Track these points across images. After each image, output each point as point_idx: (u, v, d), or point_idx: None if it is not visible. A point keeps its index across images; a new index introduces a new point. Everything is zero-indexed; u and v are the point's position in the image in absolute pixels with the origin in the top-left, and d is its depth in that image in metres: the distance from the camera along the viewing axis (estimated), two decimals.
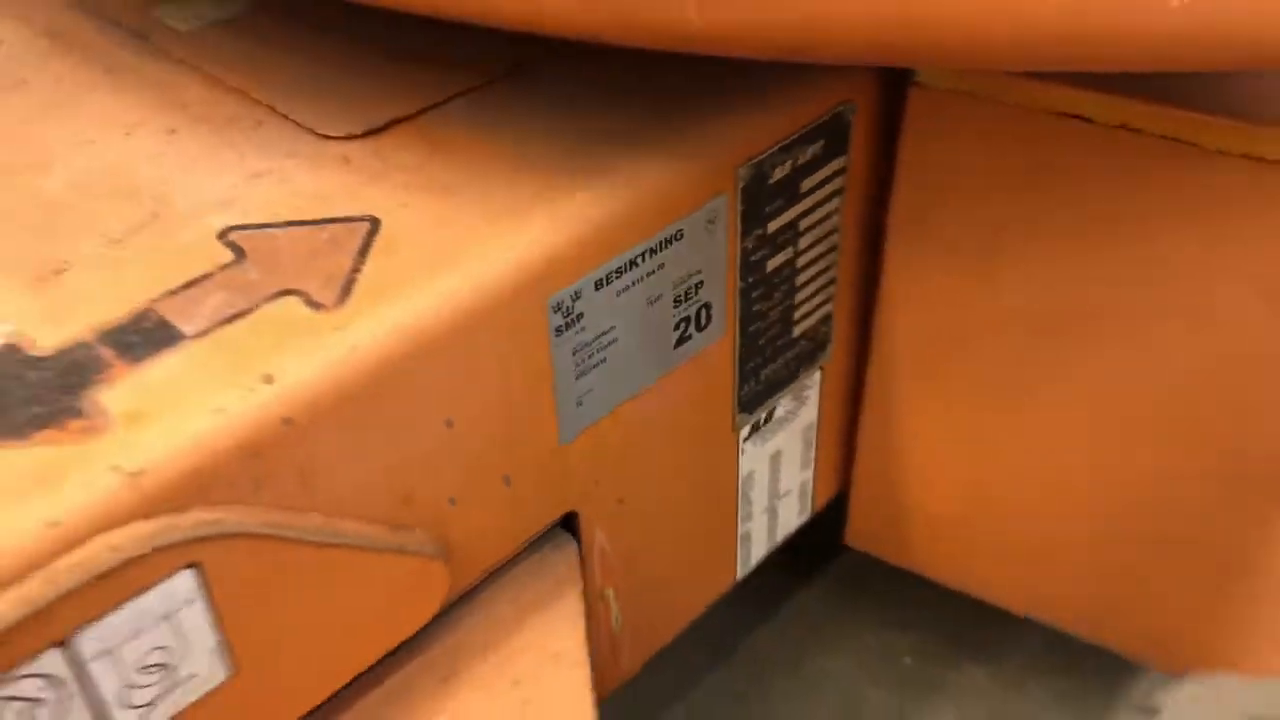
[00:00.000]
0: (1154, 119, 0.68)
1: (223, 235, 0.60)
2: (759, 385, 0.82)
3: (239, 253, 0.59)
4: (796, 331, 0.83)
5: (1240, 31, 0.48)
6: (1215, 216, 0.69)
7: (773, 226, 0.75)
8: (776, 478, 0.91)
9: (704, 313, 0.73)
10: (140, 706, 0.50)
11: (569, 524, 0.72)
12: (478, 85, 0.73)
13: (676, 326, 0.72)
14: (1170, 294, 0.73)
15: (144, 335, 0.53)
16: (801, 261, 0.79)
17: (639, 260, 0.66)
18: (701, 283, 0.71)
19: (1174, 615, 0.88)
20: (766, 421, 0.86)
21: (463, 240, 0.59)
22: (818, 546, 1.06)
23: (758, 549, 0.94)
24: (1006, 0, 0.48)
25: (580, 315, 0.64)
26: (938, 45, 0.51)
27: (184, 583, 0.49)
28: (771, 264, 0.77)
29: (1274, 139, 0.65)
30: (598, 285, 0.64)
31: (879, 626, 1.16)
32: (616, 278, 0.65)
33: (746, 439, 0.85)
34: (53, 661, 0.46)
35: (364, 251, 0.58)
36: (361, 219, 0.61)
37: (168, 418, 0.49)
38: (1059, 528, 0.89)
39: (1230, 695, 0.82)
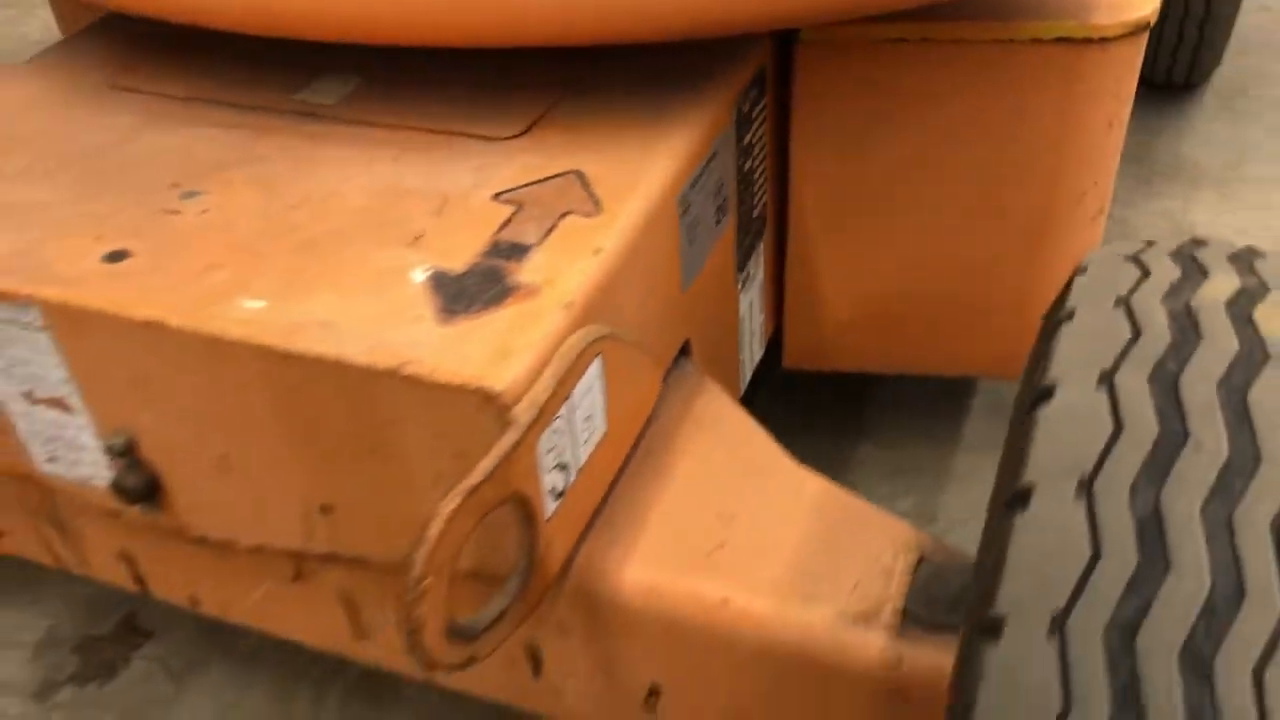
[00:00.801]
0: (967, 31, 1.19)
1: (496, 198, 0.99)
2: (744, 252, 1.29)
3: (516, 204, 0.98)
4: (755, 214, 1.30)
5: None
6: (1000, 84, 1.22)
7: (744, 142, 1.21)
8: (752, 319, 1.37)
9: (725, 203, 1.18)
10: (584, 444, 0.90)
11: (685, 349, 1.15)
12: (564, 95, 1.14)
13: (714, 212, 1.16)
14: (976, 136, 1.26)
15: (509, 249, 0.92)
16: (755, 166, 1.26)
17: (705, 169, 1.10)
18: (722, 183, 1.17)
19: (991, 339, 1.43)
20: (747, 279, 1.32)
21: (635, 173, 1.02)
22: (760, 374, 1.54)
23: (745, 371, 1.40)
24: None
25: (689, 206, 1.07)
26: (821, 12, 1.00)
27: (595, 368, 0.90)
28: (744, 169, 1.23)
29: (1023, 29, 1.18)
30: (693, 185, 1.08)
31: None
32: (698, 180, 1.09)
33: (741, 290, 1.31)
34: (563, 415, 0.86)
35: (587, 187, 1.00)
36: (570, 173, 1.02)
37: (567, 275, 0.89)
38: (914, 306, 1.41)
39: None
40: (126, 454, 1.00)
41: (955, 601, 0.90)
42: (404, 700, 1.41)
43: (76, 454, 1.05)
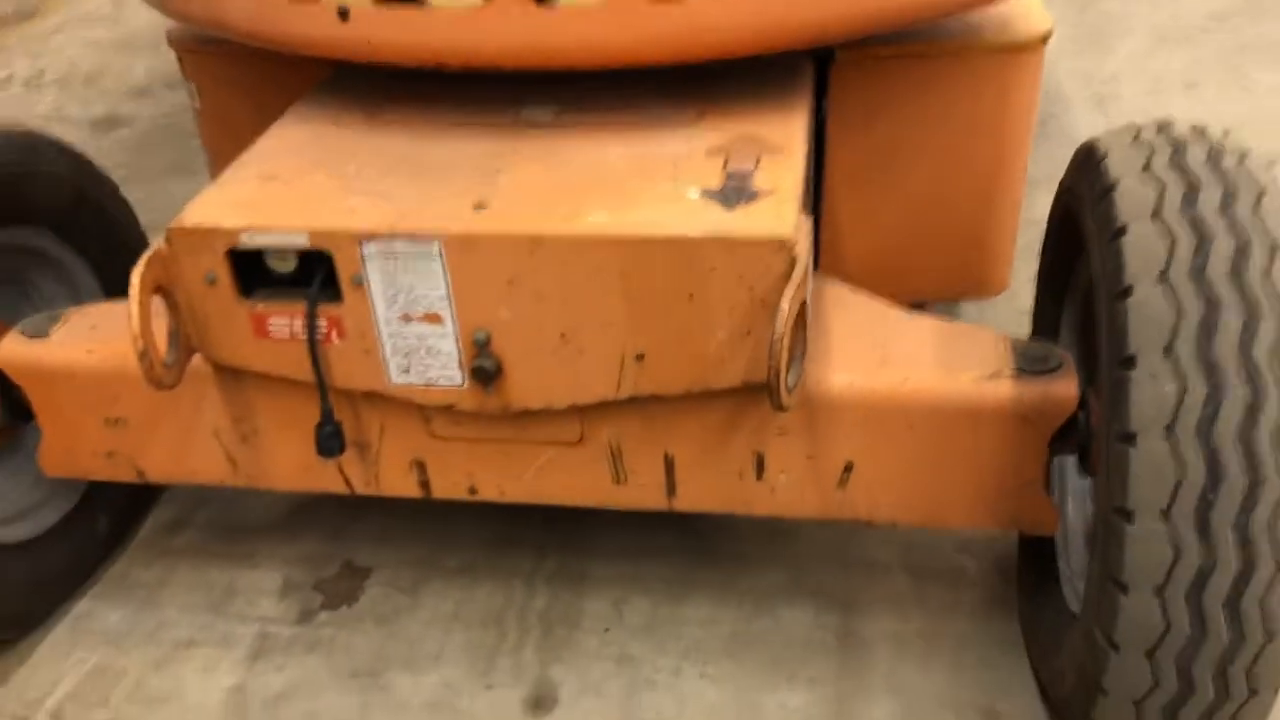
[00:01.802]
0: (939, 47, 1.80)
1: (708, 154, 1.50)
2: (814, 211, 1.84)
3: (724, 154, 1.50)
4: (811, 175, 1.86)
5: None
6: (962, 78, 1.84)
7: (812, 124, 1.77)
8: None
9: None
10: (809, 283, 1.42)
11: None
12: (708, 95, 1.67)
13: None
14: (948, 115, 1.86)
15: (740, 174, 1.44)
16: (812, 142, 1.82)
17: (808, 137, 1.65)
18: (809, 149, 1.72)
19: (964, 269, 2.03)
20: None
21: (784, 134, 1.56)
22: None
23: None
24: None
25: (808, 159, 1.62)
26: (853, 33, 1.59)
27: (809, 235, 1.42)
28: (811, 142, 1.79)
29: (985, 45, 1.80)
30: (806, 145, 1.63)
31: None
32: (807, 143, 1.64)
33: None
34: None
35: (762, 142, 1.53)
36: (746, 135, 1.55)
37: (784, 183, 1.42)
38: (908, 247, 1.99)
39: None
40: (483, 347, 1.44)
41: (1042, 359, 1.46)
42: (593, 579, 1.83)
43: (431, 360, 1.47)
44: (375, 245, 1.40)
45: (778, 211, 1.37)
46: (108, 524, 1.91)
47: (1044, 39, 1.87)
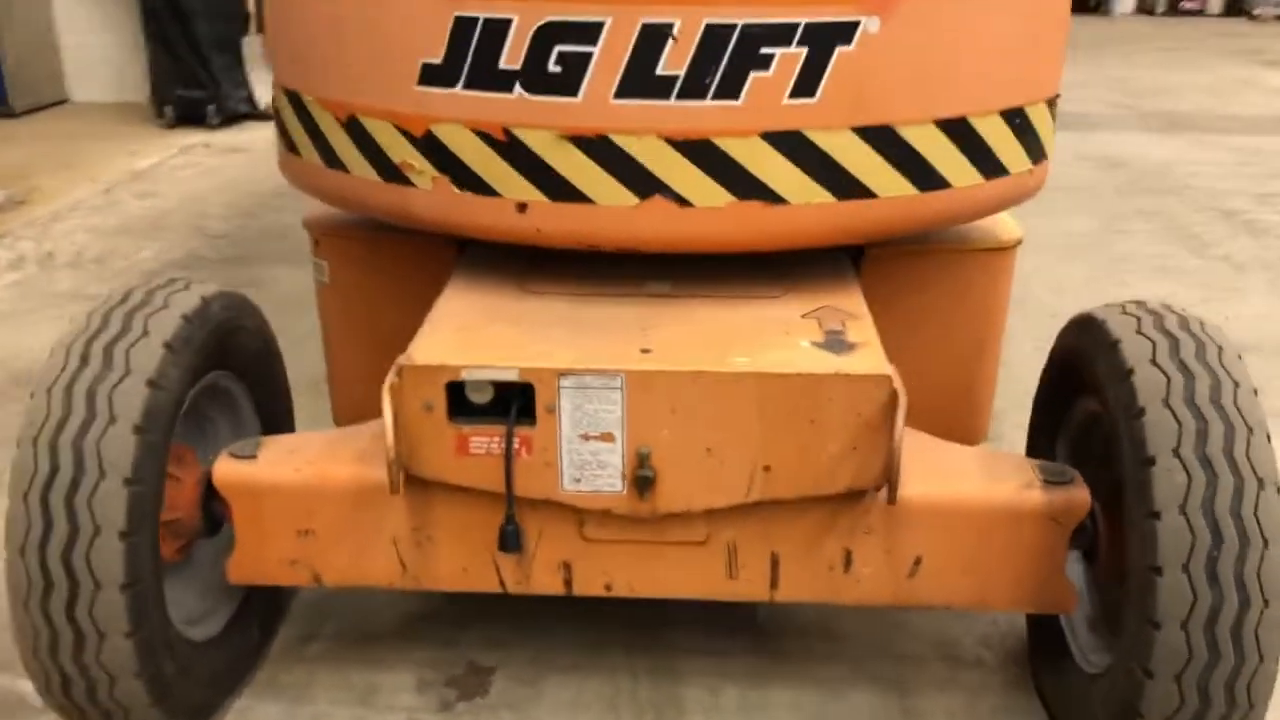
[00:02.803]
0: (943, 246, 2.34)
1: (804, 317, 1.98)
2: None
3: (818, 317, 1.97)
4: None
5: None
6: (959, 271, 2.38)
7: None
8: None
9: None
10: None
11: None
12: (785, 275, 2.15)
13: None
14: (948, 298, 2.39)
15: (836, 331, 1.91)
16: None
17: None
18: None
19: (955, 417, 2.52)
20: None
21: (854, 304, 2.04)
22: None
23: None
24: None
25: None
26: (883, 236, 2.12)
27: None
28: None
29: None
30: None
31: None
32: None
33: None
34: None
35: (840, 309, 2.01)
36: (828, 305, 2.03)
37: (869, 338, 1.89)
38: (918, 398, 2.48)
39: None
40: (645, 460, 1.83)
41: (1060, 473, 1.93)
42: (684, 672, 2.17)
43: (599, 471, 1.85)
44: (571, 379, 1.81)
45: (876, 357, 1.84)
46: (259, 632, 2.17)
47: (1018, 243, 2.45)
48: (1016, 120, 2.11)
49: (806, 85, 1.90)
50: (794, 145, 1.93)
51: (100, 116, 7.29)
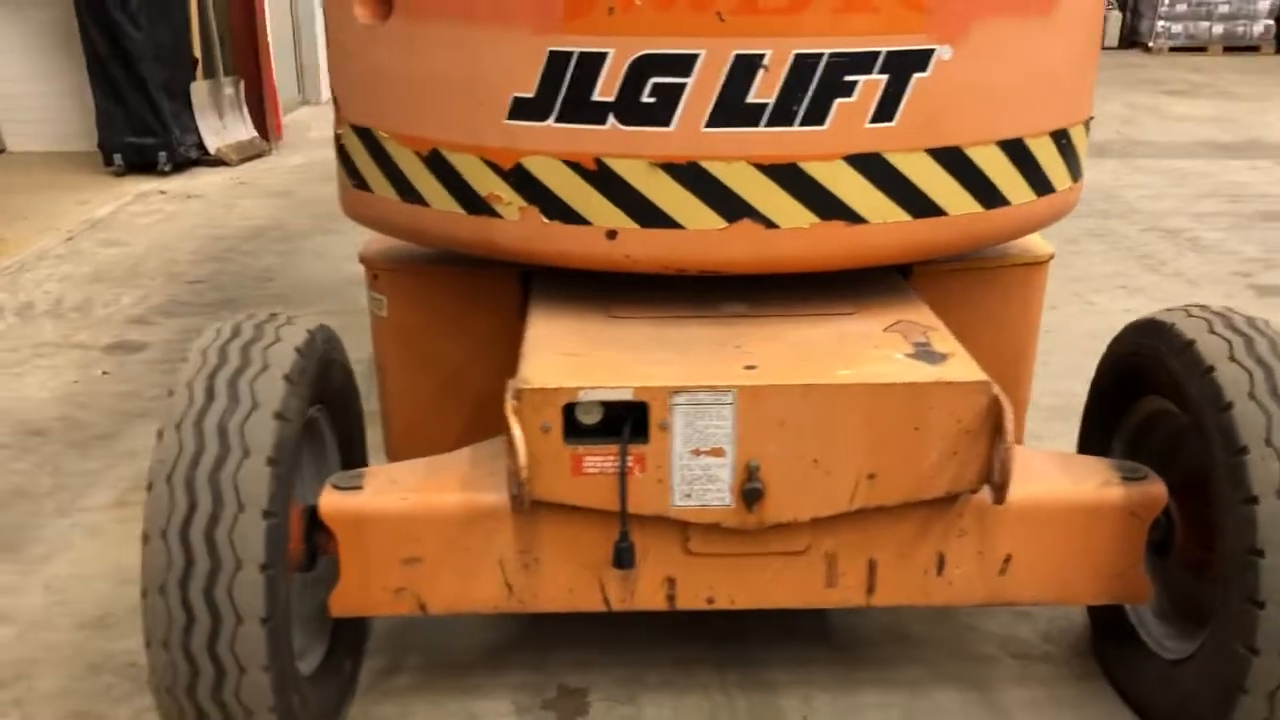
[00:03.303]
0: (987, 262, 2.46)
1: (886, 330, 2.07)
2: None
3: (900, 331, 2.06)
4: None
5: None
6: (1000, 285, 2.50)
7: None
8: None
9: None
10: None
11: None
12: (852, 302, 2.24)
13: None
14: (993, 310, 2.51)
15: (923, 342, 2.00)
16: None
17: None
18: None
19: None
20: None
21: (925, 317, 2.14)
22: None
23: None
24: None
25: None
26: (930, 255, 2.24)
27: None
28: None
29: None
30: None
31: None
32: None
33: None
34: None
35: (916, 321, 2.10)
36: (908, 320, 2.12)
37: (955, 349, 1.99)
38: None
39: None
40: (754, 474, 1.90)
41: (1134, 470, 2.04)
42: (774, 684, 2.23)
43: (709, 486, 1.91)
44: (683, 396, 1.87)
45: (970, 365, 1.94)
46: (350, 666, 2.17)
47: (1051, 257, 2.58)
48: (1062, 140, 2.25)
49: (886, 110, 2.00)
50: (874, 167, 2.03)
51: (42, 166, 7.13)
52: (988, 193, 2.14)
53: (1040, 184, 2.23)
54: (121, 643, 2.32)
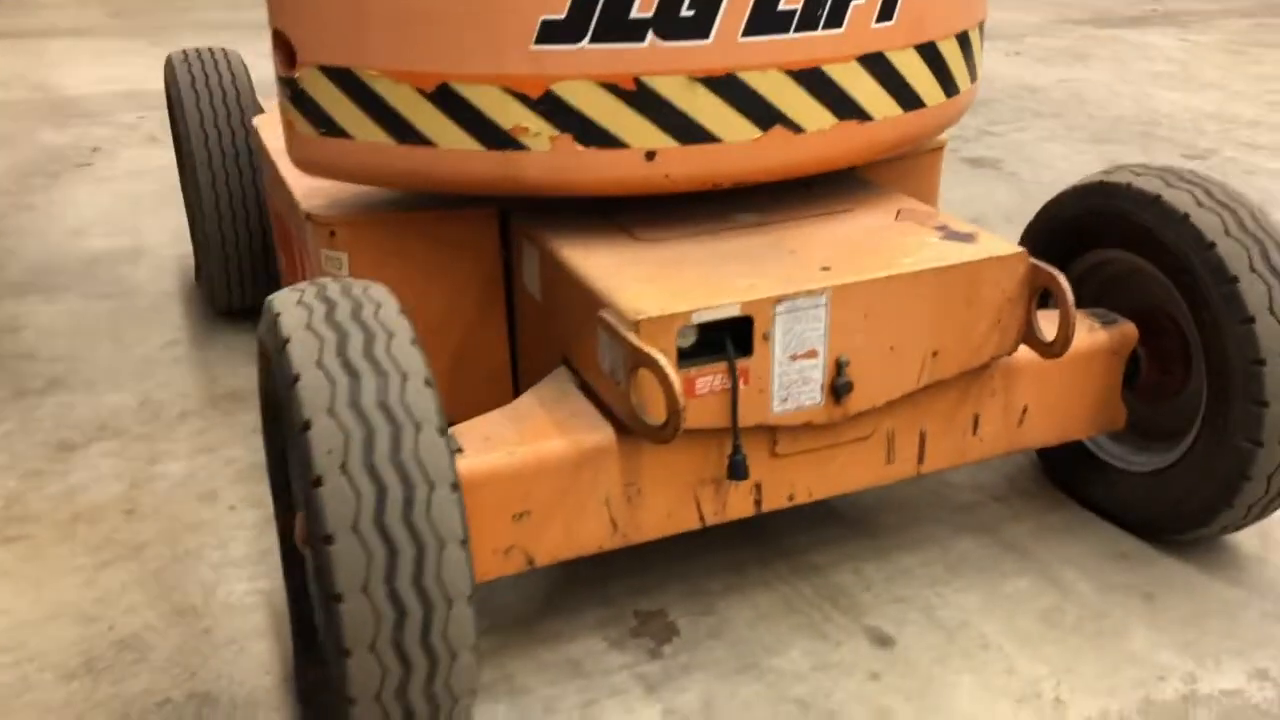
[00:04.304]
0: None
1: (897, 217, 2.21)
2: None
3: (908, 217, 2.21)
4: None
5: None
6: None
7: None
8: None
9: None
10: None
11: None
12: (843, 203, 2.35)
13: None
14: None
15: (942, 226, 2.17)
16: None
17: None
18: None
19: None
20: None
21: (921, 206, 2.31)
22: None
23: None
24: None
25: None
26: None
27: None
28: None
29: None
30: None
31: None
32: None
33: None
34: None
35: (925, 213, 2.26)
36: (907, 209, 2.27)
37: (972, 226, 2.17)
38: None
39: None
40: (843, 369, 1.99)
41: (1105, 315, 2.33)
42: (820, 566, 2.35)
43: (803, 388, 1.98)
44: (785, 305, 1.91)
45: (998, 239, 2.12)
46: None
47: (945, 144, 2.83)
48: (978, 34, 2.46)
49: (887, 9, 2.12)
50: (878, 66, 2.15)
51: None
52: (950, 83, 2.32)
53: (973, 73, 2.44)
54: None
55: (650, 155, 2.04)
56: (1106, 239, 2.40)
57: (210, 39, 4.98)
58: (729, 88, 2.02)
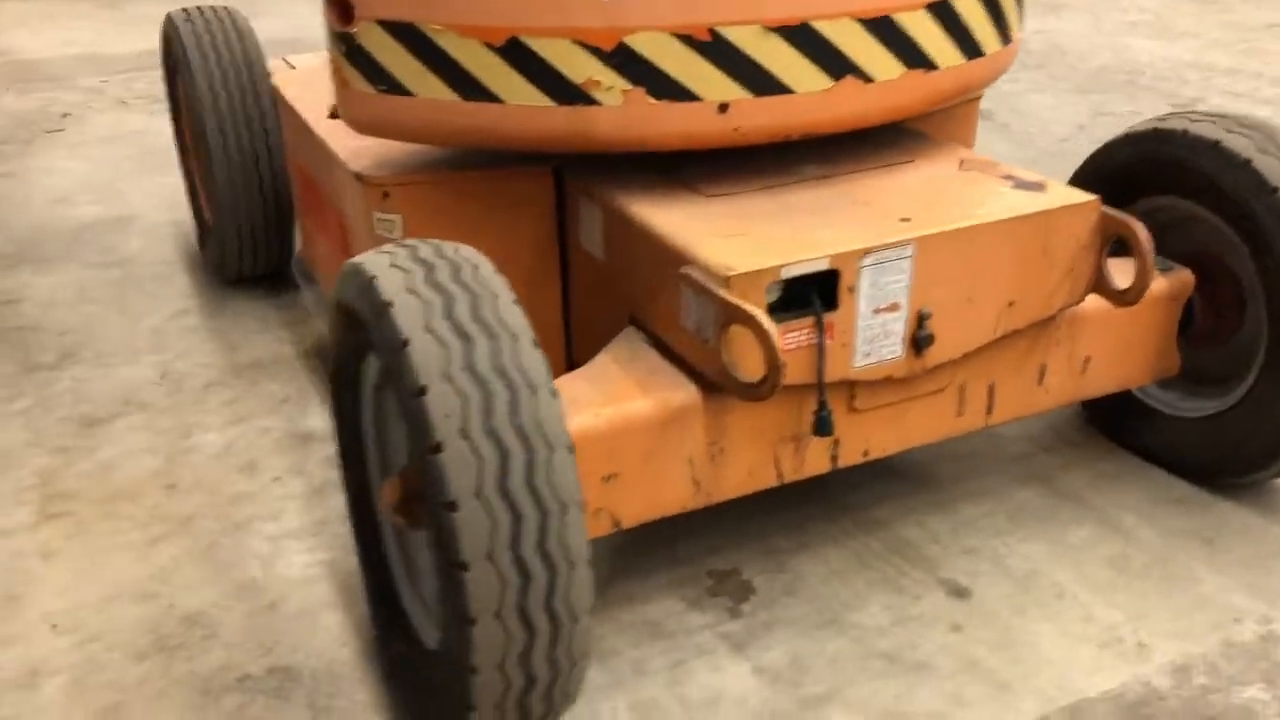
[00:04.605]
0: None
1: (960, 167, 2.19)
2: None
3: (974, 167, 2.19)
4: None
5: None
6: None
7: None
8: None
9: None
10: None
11: None
12: (903, 155, 2.32)
13: None
14: None
15: (1007, 175, 2.15)
16: None
17: None
18: None
19: None
20: None
21: (983, 156, 2.29)
22: None
23: None
24: None
25: None
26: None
27: None
28: None
29: None
30: None
31: None
32: None
33: None
34: None
35: (987, 163, 2.25)
36: (968, 159, 2.25)
37: (1041, 177, 2.16)
38: None
39: None
40: (924, 321, 1.97)
41: (1164, 263, 2.34)
42: (885, 523, 2.35)
43: (885, 341, 1.96)
44: (871, 257, 1.89)
45: (1069, 189, 2.11)
46: None
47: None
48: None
49: None
50: (944, 13, 2.12)
51: None
52: (1006, 31, 2.30)
53: (1021, 21, 2.42)
54: None
55: (723, 108, 1.99)
56: (1159, 185, 2.40)
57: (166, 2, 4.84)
58: (802, 37, 1.98)
